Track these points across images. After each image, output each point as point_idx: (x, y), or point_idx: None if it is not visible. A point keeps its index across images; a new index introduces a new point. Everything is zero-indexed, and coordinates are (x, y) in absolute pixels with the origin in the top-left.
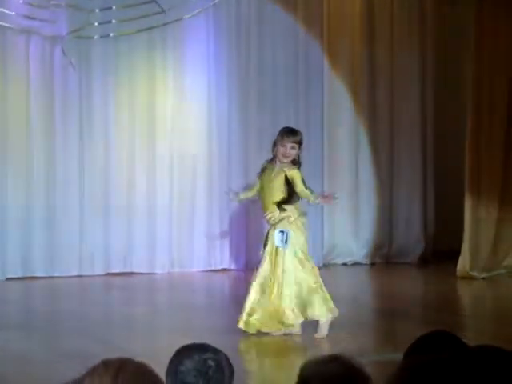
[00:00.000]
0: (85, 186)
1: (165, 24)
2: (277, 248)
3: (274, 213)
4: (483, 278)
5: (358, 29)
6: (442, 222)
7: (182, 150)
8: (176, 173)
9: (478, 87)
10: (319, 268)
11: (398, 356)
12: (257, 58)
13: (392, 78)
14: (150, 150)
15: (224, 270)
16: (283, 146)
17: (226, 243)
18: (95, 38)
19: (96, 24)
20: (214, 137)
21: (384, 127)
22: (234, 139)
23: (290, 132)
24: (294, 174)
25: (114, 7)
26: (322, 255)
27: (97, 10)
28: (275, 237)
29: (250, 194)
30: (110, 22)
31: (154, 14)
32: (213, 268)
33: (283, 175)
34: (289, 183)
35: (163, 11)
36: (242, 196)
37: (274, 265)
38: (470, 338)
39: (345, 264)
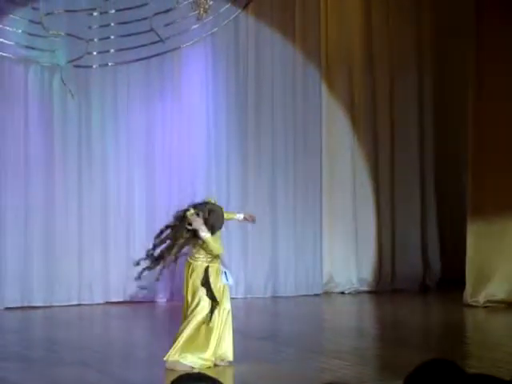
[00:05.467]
0: (84, 215)
1: (163, 53)
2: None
3: None
4: (486, 306)
5: (357, 54)
6: (447, 249)
7: (180, 178)
8: (174, 201)
9: (479, 109)
10: (317, 295)
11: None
12: (255, 84)
13: (391, 103)
14: (149, 177)
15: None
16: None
17: None
18: (94, 67)
19: (95, 53)
20: (212, 163)
21: (383, 152)
22: (232, 166)
23: None
24: None
25: (112, 36)
26: (321, 284)
27: (95, 40)
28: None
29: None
30: (108, 51)
31: (153, 43)
32: None
33: None
34: None
35: (162, 40)
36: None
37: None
38: (471, 366)
39: (344, 293)
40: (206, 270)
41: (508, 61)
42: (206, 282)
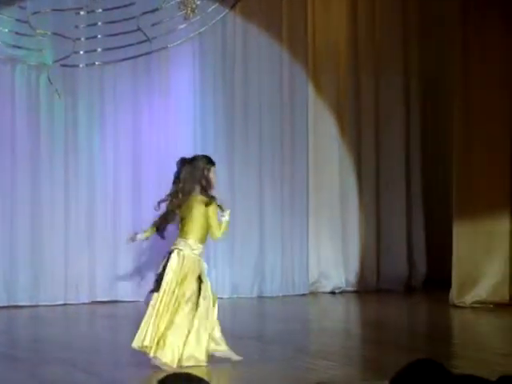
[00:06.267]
0: (70, 214)
1: (150, 52)
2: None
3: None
4: (472, 307)
5: (343, 55)
6: (433, 249)
7: (167, 178)
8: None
9: (467, 104)
10: (304, 295)
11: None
12: (242, 84)
13: (377, 102)
14: (136, 177)
15: None
16: (213, 172)
17: (212, 271)
18: (81, 66)
19: (81, 53)
20: None
21: (369, 153)
22: (219, 166)
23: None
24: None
25: (99, 36)
26: (308, 284)
27: (82, 39)
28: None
29: (151, 233)
30: (95, 50)
31: (140, 42)
32: None
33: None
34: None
35: (149, 40)
36: (145, 235)
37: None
38: (457, 367)
39: (331, 292)
40: (200, 265)
41: (494, 60)
42: (200, 279)
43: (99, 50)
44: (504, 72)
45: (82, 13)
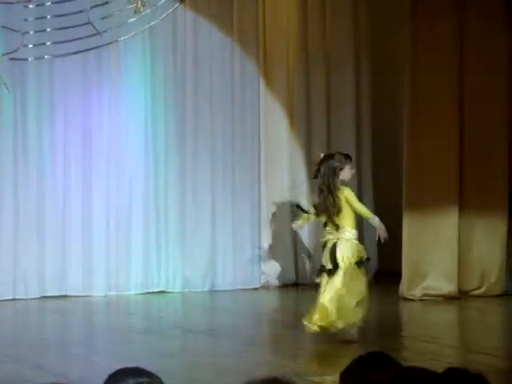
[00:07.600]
0: (19, 208)
1: (100, 46)
2: None
3: None
4: (422, 300)
5: (294, 48)
6: (384, 241)
7: (118, 171)
8: (113, 193)
9: (416, 98)
10: (256, 289)
11: (335, 377)
12: (193, 79)
13: (328, 97)
14: (86, 170)
15: (161, 292)
16: (349, 168)
17: (163, 265)
18: (30, 59)
19: (30, 46)
20: (150, 158)
21: (320, 145)
22: (170, 160)
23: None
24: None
25: (48, 29)
26: (260, 277)
27: (31, 32)
28: None
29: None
30: (44, 44)
31: (90, 36)
32: (150, 290)
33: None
34: None
35: (99, 33)
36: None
37: None
38: (406, 359)
39: (283, 286)
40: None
41: (444, 50)
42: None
43: (48, 43)
44: (453, 62)
45: (30, 6)
